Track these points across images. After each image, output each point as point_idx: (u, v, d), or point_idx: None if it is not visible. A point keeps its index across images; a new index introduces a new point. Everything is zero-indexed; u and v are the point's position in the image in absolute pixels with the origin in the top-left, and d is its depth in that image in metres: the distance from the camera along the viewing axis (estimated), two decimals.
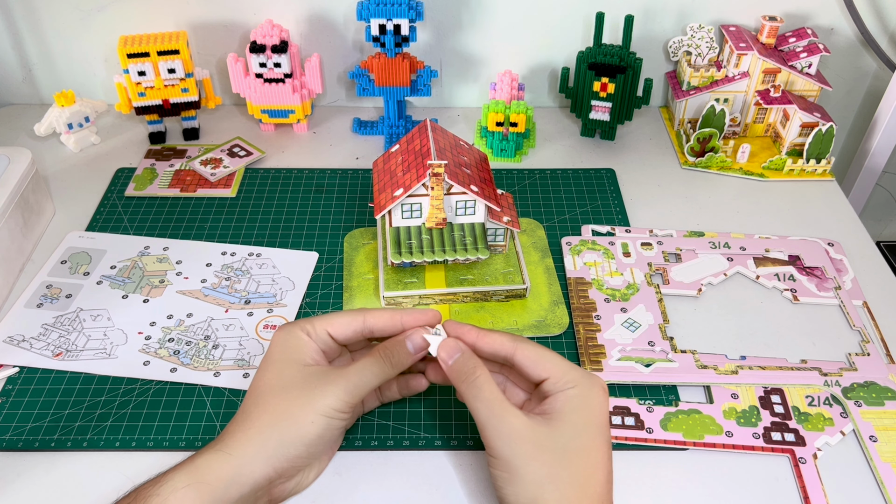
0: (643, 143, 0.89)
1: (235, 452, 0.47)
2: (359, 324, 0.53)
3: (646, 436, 0.57)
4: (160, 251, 0.72)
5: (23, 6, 0.87)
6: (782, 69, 0.83)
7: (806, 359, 0.62)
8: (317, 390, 0.49)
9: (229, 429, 0.49)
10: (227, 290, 0.67)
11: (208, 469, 0.46)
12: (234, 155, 0.85)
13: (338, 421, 0.49)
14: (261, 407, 0.49)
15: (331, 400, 0.48)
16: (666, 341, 0.63)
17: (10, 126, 0.91)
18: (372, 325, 0.53)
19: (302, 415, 0.48)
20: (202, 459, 0.46)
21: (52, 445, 0.56)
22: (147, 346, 0.63)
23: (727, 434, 0.57)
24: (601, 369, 0.61)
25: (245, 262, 0.71)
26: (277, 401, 0.49)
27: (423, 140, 0.65)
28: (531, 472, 0.45)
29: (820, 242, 0.73)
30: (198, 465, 0.46)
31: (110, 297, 0.67)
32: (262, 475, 0.47)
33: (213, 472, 0.46)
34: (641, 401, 0.59)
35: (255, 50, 0.81)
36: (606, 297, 0.67)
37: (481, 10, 0.87)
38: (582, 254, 0.72)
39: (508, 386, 0.53)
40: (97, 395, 0.60)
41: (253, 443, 0.47)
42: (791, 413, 0.58)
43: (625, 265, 0.70)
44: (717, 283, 0.70)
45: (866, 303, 0.68)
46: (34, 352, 0.62)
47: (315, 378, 0.50)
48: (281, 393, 0.49)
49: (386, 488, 0.54)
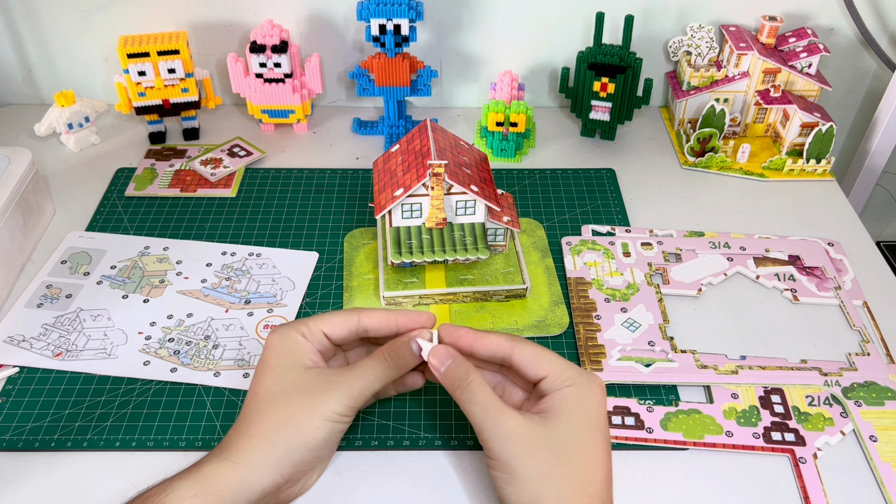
0: (643, 143, 0.89)
1: (242, 461, 0.46)
2: (354, 323, 0.52)
3: (646, 436, 0.57)
4: (160, 251, 0.72)
5: (23, 6, 0.87)
6: (782, 69, 0.83)
7: (806, 359, 0.62)
8: (320, 395, 0.48)
9: (232, 436, 0.48)
10: (227, 290, 0.67)
11: (215, 478, 0.45)
12: (234, 155, 0.85)
13: (342, 424, 0.49)
14: (263, 413, 0.48)
15: (334, 405, 0.48)
16: (666, 341, 0.63)
17: (10, 126, 0.91)
18: (367, 325, 0.53)
19: (306, 420, 0.47)
20: (209, 468, 0.46)
21: (52, 445, 0.56)
22: (147, 346, 0.63)
23: (727, 434, 0.57)
24: (601, 369, 0.61)
25: (245, 262, 0.71)
26: (280, 407, 0.48)
27: (423, 140, 0.65)
28: (530, 472, 0.45)
29: (820, 242, 0.73)
30: (204, 474, 0.45)
31: (110, 297, 0.67)
32: (270, 482, 0.46)
33: (220, 481, 0.45)
34: (641, 401, 0.59)
35: (255, 50, 0.81)
36: (606, 297, 0.67)
37: (481, 10, 0.87)
38: (582, 254, 0.72)
39: (508, 386, 0.53)
40: (97, 395, 0.60)
41: (258, 450, 0.47)
42: (791, 413, 0.58)
43: (625, 265, 0.70)
44: (718, 283, 0.70)
45: (866, 303, 0.68)
46: (34, 352, 0.62)
47: (317, 382, 0.49)
48: (283, 398, 0.48)
49: (386, 488, 0.54)
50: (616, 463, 0.52)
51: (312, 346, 0.51)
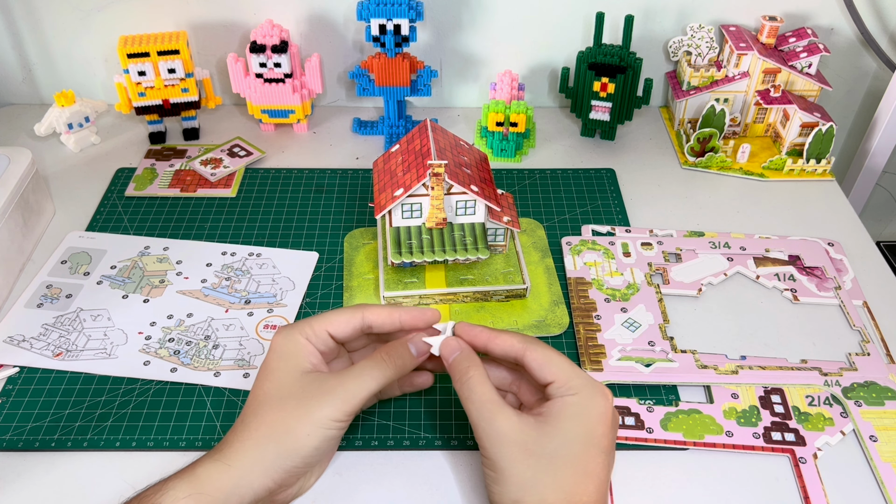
0: (643, 143, 0.89)
1: (234, 464, 0.46)
2: (357, 321, 0.52)
3: (646, 436, 0.57)
4: (160, 251, 0.72)
5: (23, 6, 0.87)
6: (782, 69, 0.83)
7: (806, 358, 0.62)
8: (313, 401, 0.48)
9: (228, 438, 0.48)
10: (227, 290, 0.67)
11: (208, 479, 0.46)
12: (234, 155, 0.85)
13: (335, 431, 0.49)
14: (259, 418, 0.48)
15: (328, 411, 0.48)
16: (666, 341, 0.63)
17: (10, 126, 0.91)
18: (370, 321, 0.53)
19: (299, 427, 0.47)
20: (202, 469, 0.46)
21: (52, 445, 0.56)
22: (147, 346, 0.63)
23: (727, 434, 0.57)
24: (601, 369, 0.61)
25: (245, 262, 0.71)
26: (275, 412, 0.48)
27: (424, 140, 0.65)
28: (516, 475, 0.45)
29: (820, 242, 0.73)
30: (198, 475, 0.46)
31: (110, 297, 0.67)
32: (261, 486, 0.47)
33: (213, 482, 0.46)
34: (641, 401, 0.59)
35: (255, 50, 0.81)
36: (607, 297, 0.67)
37: (481, 10, 0.87)
38: (582, 254, 0.72)
39: (524, 384, 0.53)
40: (97, 394, 0.60)
41: (250, 455, 0.47)
42: (791, 413, 0.58)
43: (625, 265, 0.70)
44: (718, 282, 0.70)
45: (866, 303, 0.68)
46: (34, 352, 0.62)
47: (312, 387, 0.49)
48: (278, 404, 0.49)
49: (386, 488, 0.54)
50: (616, 463, 0.52)
51: (315, 348, 0.51)
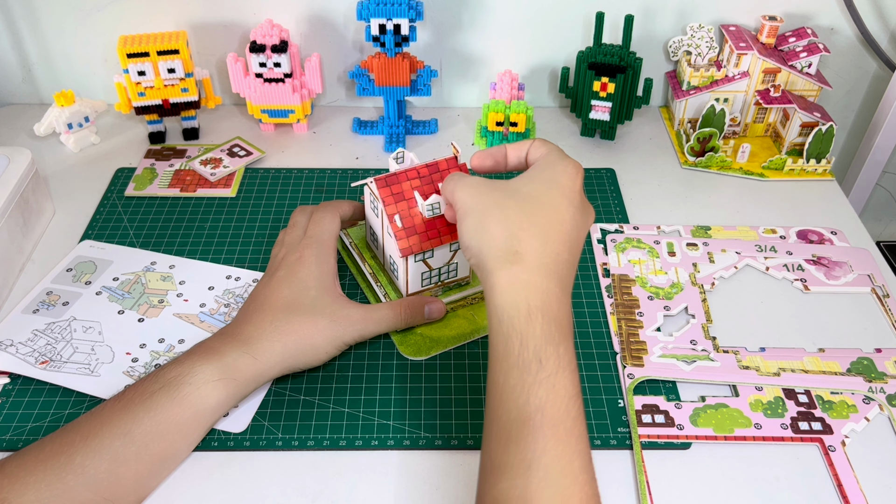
0: (643, 143, 0.89)
1: (261, 358, 0.55)
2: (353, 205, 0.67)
3: (677, 433, 0.57)
4: (166, 269, 0.70)
5: (23, 6, 0.87)
6: (782, 69, 0.83)
7: (823, 347, 0.63)
8: (340, 329, 0.58)
9: (254, 333, 0.56)
10: (223, 318, 0.66)
11: (236, 369, 0.53)
12: (234, 155, 0.85)
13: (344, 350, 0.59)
14: (291, 325, 0.56)
15: (349, 339, 0.58)
16: (708, 340, 0.64)
17: (10, 126, 0.91)
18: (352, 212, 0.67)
19: (322, 346, 0.57)
20: (230, 358, 0.54)
21: None
22: (132, 370, 0.61)
23: (756, 426, 0.57)
24: (642, 365, 0.61)
25: (248, 289, 0.69)
26: (307, 326, 0.57)
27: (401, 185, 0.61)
28: (479, 205, 0.51)
29: (824, 231, 0.75)
30: (226, 363, 0.53)
31: (106, 311, 0.65)
32: (277, 374, 0.56)
33: (241, 371, 0.54)
34: (669, 398, 0.59)
35: (255, 50, 0.81)
36: (650, 295, 0.68)
37: (481, 10, 0.87)
38: (626, 251, 0.72)
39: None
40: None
41: (277, 355, 0.55)
42: (815, 402, 0.59)
43: (669, 264, 0.71)
44: (729, 276, 0.70)
45: (874, 289, 0.68)
46: (18, 357, 0.61)
47: (341, 314, 0.58)
48: (311, 319, 0.57)
49: (386, 488, 0.54)
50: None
51: None
